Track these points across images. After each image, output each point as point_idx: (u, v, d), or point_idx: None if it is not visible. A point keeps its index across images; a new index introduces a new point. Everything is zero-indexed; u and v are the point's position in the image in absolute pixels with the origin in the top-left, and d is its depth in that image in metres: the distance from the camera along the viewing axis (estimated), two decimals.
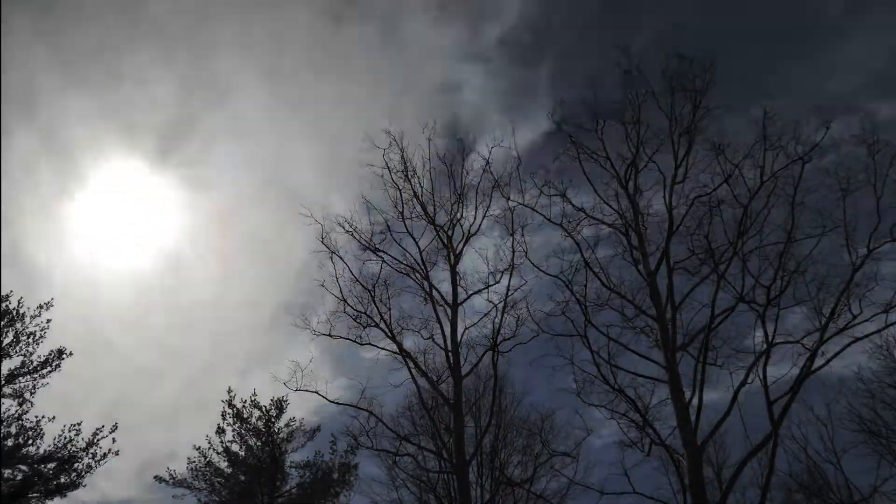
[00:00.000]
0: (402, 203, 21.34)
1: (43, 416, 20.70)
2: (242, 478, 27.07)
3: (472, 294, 20.93)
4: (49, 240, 51.47)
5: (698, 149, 18.44)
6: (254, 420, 28.11)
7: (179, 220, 53.99)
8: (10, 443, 19.81)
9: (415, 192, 21.37)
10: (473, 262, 22.50)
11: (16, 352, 20.83)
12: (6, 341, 20.81)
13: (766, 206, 17.46)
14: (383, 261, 21.12)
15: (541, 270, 19.62)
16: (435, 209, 21.39)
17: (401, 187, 21.42)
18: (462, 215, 21.40)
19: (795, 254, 17.15)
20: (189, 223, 53.51)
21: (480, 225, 21.31)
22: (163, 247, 54.40)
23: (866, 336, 16.46)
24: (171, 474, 26.91)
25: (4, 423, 19.94)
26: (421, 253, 21.21)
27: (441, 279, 21.25)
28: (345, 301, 20.57)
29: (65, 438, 20.58)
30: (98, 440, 20.86)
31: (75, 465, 20.33)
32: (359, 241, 21.08)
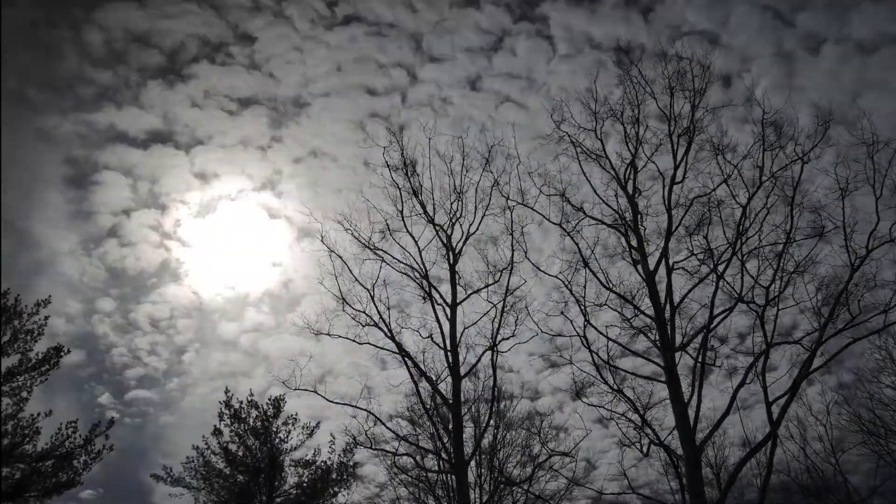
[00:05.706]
0: (402, 202, 21.29)
1: (39, 413, 20.69)
2: (241, 477, 27.00)
3: (471, 293, 20.82)
4: None
5: (697, 149, 18.45)
6: (251, 420, 28.06)
7: None
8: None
9: (414, 191, 21.32)
10: (473, 261, 22.20)
11: (13, 349, 20.80)
12: (4, 339, 20.77)
13: (764, 207, 17.45)
14: (382, 260, 21.06)
15: (540, 270, 19.61)
16: (434, 208, 21.36)
17: (400, 185, 21.39)
18: (461, 214, 21.37)
19: (794, 254, 17.16)
20: None
21: (480, 224, 21.27)
22: None
23: (865, 336, 16.46)
24: (167, 472, 26.83)
25: (3, 422, 19.88)
26: (420, 252, 21.16)
27: (440, 278, 21.23)
28: (344, 300, 20.52)
29: (62, 436, 20.54)
30: (95, 436, 20.80)
31: (73, 462, 20.26)
32: (358, 239, 21.01)
